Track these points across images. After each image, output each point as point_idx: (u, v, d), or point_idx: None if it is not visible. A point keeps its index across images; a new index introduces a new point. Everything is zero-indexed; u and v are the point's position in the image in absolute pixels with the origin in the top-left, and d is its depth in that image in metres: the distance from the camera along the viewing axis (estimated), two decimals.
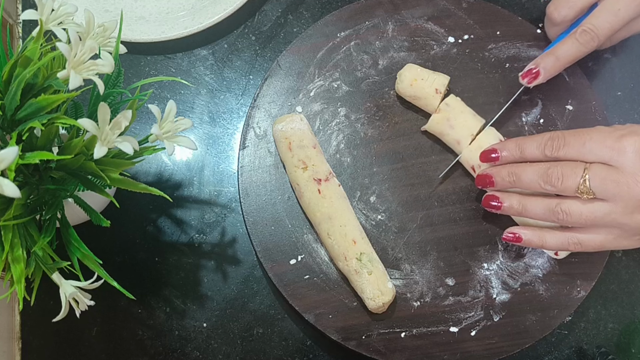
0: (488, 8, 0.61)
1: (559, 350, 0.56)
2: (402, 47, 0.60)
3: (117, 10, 0.62)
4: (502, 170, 0.51)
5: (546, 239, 0.50)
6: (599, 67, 0.63)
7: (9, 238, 0.39)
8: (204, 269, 0.57)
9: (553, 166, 0.48)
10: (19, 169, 0.39)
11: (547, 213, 0.49)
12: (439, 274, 0.54)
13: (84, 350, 0.55)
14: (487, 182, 0.52)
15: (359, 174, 0.57)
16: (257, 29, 0.64)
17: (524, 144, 0.50)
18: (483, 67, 0.60)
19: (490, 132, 0.55)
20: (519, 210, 0.51)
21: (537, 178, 0.48)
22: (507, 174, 0.50)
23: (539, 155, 0.49)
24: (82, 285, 0.43)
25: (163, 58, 0.62)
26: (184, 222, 0.58)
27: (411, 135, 0.58)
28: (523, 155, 0.50)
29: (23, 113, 0.37)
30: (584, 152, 0.47)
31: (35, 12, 0.38)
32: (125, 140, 0.38)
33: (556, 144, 0.48)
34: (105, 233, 0.53)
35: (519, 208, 0.51)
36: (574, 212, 0.47)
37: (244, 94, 0.62)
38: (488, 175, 0.52)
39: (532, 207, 0.50)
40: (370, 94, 0.59)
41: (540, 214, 0.50)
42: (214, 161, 0.60)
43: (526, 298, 0.54)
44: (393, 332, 0.52)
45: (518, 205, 0.51)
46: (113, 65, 0.39)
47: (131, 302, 0.55)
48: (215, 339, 0.56)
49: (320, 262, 0.54)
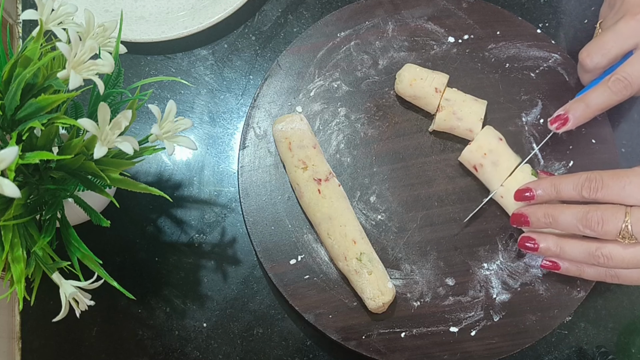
0: (488, 8, 0.61)
1: (559, 350, 0.56)
2: (402, 47, 0.60)
3: (117, 10, 0.62)
4: (538, 211, 0.50)
5: (584, 270, 0.50)
6: None
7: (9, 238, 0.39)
8: (204, 269, 0.57)
9: (592, 210, 0.46)
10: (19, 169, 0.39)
11: (587, 256, 0.48)
12: (439, 274, 0.54)
13: (84, 350, 0.55)
14: (522, 221, 0.51)
15: (359, 174, 0.57)
16: (257, 29, 0.64)
17: (560, 183, 0.49)
18: (483, 67, 0.60)
19: (526, 169, 0.54)
20: (557, 253, 0.50)
21: (575, 221, 0.47)
22: (543, 215, 0.49)
23: (575, 196, 0.48)
24: (82, 285, 0.43)
25: (163, 58, 0.62)
26: (184, 222, 0.58)
27: (411, 135, 0.58)
28: (559, 195, 0.49)
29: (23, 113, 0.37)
30: (624, 195, 0.45)
31: (35, 12, 0.38)
32: (125, 140, 0.38)
33: (594, 185, 0.46)
34: (105, 233, 0.53)
35: (557, 250, 0.50)
36: (615, 257, 0.46)
37: (244, 94, 0.62)
38: (523, 215, 0.51)
39: (570, 249, 0.49)
40: (370, 94, 0.59)
41: (580, 257, 0.49)
42: (214, 161, 0.60)
43: (526, 298, 0.54)
44: (393, 332, 0.52)
45: (555, 247, 0.50)
46: (113, 65, 0.39)
47: (131, 302, 0.55)
48: (215, 339, 0.56)
49: (320, 262, 0.54)
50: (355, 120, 0.58)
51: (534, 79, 0.59)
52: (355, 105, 0.59)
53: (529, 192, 0.51)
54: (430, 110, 0.57)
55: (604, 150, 0.58)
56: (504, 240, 0.55)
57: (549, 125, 0.54)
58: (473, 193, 0.57)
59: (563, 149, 0.58)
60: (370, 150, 0.57)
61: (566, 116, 0.53)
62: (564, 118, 0.53)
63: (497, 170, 0.54)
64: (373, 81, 0.59)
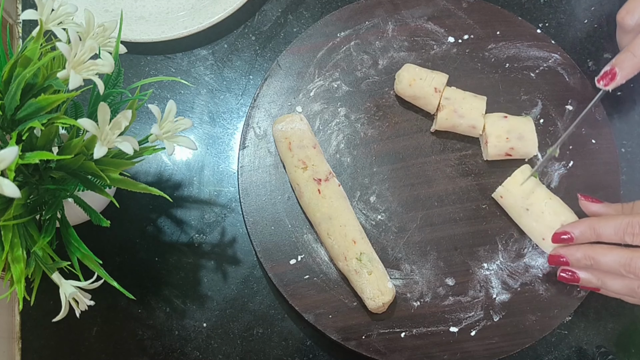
0: (488, 8, 0.61)
1: (559, 350, 0.56)
2: (402, 47, 0.60)
3: (117, 10, 0.62)
4: (577, 253, 0.49)
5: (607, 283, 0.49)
6: (599, 67, 0.63)
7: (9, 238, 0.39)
8: (204, 269, 0.57)
9: (637, 257, 0.45)
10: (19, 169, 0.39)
11: (629, 291, 0.48)
12: (439, 274, 0.54)
13: (84, 350, 0.55)
14: (560, 262, 0.51)
15: (359, 174, 0.57)
16: (257, 29, 0.64)
17: (600, 227, 0.48)
18: (483, 67, 0.60)
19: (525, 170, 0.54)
20: (598, 285, 0.49)
21: (617, 266, 0.46)
22: (584, 257, 0.49)
23: (617, 240, 0.47)
24: (82, 285, 0.43)
25: (163, 58, 0.62)
26: (184, 222, 0.58)
27: (411, 135, 0.58)
28: (599, 238, 0.48)
29: (23, 113, 0.37)
30: None
31: (35, 12, 0.38)
32: (125, 140, 0.38)
33: (637, 231, 0.45)
34: (105, 233, 0.53)
35: (598, 283, 0.49)
36: None
37: (244, 94, 0.62)
38: (561, 256, 0.50)
39: (611, 284, 0.48)
40: (370, 94, 0.59)
41: (621, 291, 0.48)
42: (214, 161, 0.60)
43: (526, 298, 0.54)
44: (393, 332, 0.52)
45: (597, 280, 0.49)
46: (113, 65, 0.39)
47: (131, 302, 0.55)
48: (215, 339, 0.56)
49: (320, 262, 0.54)
50: (355, 120, 0.58)
51: (534, 79, 0.59)
52: (355, 105, 0.59)
53: (566, 235, 0.50)
54: (430, 110, 0.57)
55: (604, 150, 0.58)
56: (504, 240, 0.55)
57: (597, 84, 0.52)
58: (473, 193, 0.57)
59: (563, 149, 0.58)
60: (370, 150, 0.57)
61: (614, 71, 0.51)
62: (612, 73, 0.51)
63: None
64: (373, 81, 0.59)
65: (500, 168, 0.57)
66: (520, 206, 0.53)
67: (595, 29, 0.65)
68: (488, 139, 0.55)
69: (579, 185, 0.56)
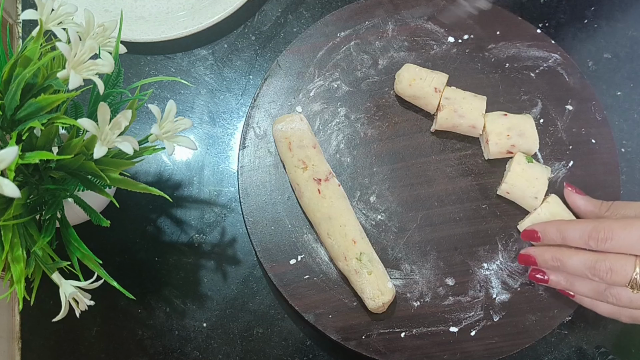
0: (488, 8, 0.61)
1: (559, 350, 0.56)
2: (402, 47, 0.60)
3: (117, 10, 0.62)
4: (545, 254, 0.50)
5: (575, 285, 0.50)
6: (599, 67, 0.63)
7: (9, 238, 0.39)
8: (204, 269, 0.57)
9: (601, 260, 0.46)
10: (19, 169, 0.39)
11: (596, 294, 0.48)
12: (439, 274, 0.54)
13: (84, 350, 0.55)
14: (530, 261, 0.52)
15: (359, 174, 0.57)
16: (257, 29, 0.64)
17: (566, 230, 0.49)
18: (483, 67, 0.60)
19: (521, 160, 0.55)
20: (566, 287, 0.50)
21: (583, 269, 0.47)
22: (551, 259, 0.50)
23: (582, 245, 0.48)
24: (82, 285, 0.43)
25: (163, 58, 0.62)
26: (184, 222, 0.58)
27: (411, 135, 0.58)
28: (564, 242, 0.49)
29: (23, 113, 0.37)
30: (633, 246, 0.45)
31: (35, 12, 0.38)
32: (125, 140, 0.38)
33: (602, 236, 0.46)
34: (105, 233, 0.53)
35: (566, 285, 0.50)
36: (623, 299, 0.47)
37: (243, 93, 0.62)
38: (530, 257, 0.52)
39: (579, 286, 0.49)
40: (370, 94, 0.59)
41: (589, 294, 0.49)
42: (214, 161, 0.60)
43: (526, 298, 0.54)
44: (393, 332, 0.52)
45: (565, 282, 0.50)
46: (113, 65, 0.39)
47: (131, 302, 0.55)
48: (215, 339, 0.56)
49: (320, 262, 0.54)
50: (355, 120, 0.58)
51: (533, 79, 0.59)
52: (355, 105, 0.59)
53: (534, 234, 0.51)
54: (430, 110, 0.57)
55: (603, 150, 0.58)
56: (503, 240, 0.55)
57: None
58: (473, 193, 0.57)
59: (563, 149, 0.58)
60: (370, 150, 0.57)
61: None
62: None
63: None
64: (373, 81, 0.59)
65: (500, 168, 0.57)
66: (529, 196, 0.54)
67: (595, 29, 0.65)
68: (489, 137, 0.55)
69: (578, 185, 0.56)
